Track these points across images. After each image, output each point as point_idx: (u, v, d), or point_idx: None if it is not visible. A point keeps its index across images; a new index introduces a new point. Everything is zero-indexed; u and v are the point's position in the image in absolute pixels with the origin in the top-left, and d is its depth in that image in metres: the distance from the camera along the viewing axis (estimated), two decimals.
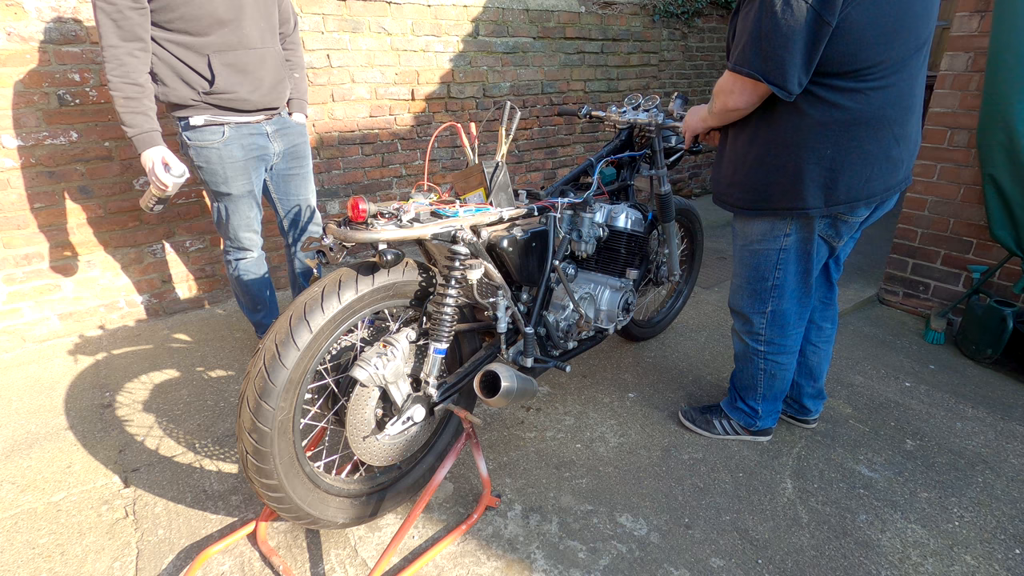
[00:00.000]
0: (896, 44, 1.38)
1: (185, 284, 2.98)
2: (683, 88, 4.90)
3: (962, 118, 2.66)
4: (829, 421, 2.13)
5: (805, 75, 1.38)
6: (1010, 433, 2.08)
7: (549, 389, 2.33)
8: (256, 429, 1.29)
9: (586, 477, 1.86)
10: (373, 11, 3.13)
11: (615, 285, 2.05)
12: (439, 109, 3.57)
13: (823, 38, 1.33)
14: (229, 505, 1.74)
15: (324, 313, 1.33)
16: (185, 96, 1.96)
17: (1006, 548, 1.61)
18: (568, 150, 4.36)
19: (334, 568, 1.54)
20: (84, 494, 1.79)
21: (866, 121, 1.45)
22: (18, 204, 2.47)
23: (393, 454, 1.58)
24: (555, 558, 1.57)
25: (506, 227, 1.71)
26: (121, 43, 1.80)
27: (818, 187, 1.51)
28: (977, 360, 2.55)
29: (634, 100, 2.13)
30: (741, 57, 1.41)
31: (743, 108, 1.51)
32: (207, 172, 2.07)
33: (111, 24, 1.77)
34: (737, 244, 1.77)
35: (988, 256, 2.69)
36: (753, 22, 1.37)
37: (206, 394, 2.29)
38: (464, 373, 1.69)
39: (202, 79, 1.94)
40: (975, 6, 2.56)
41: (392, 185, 3.54)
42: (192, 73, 1.93)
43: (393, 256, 1.35)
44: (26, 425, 2.11)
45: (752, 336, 1.84)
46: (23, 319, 2.61)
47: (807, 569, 1.54)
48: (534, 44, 3.83)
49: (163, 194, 1.92)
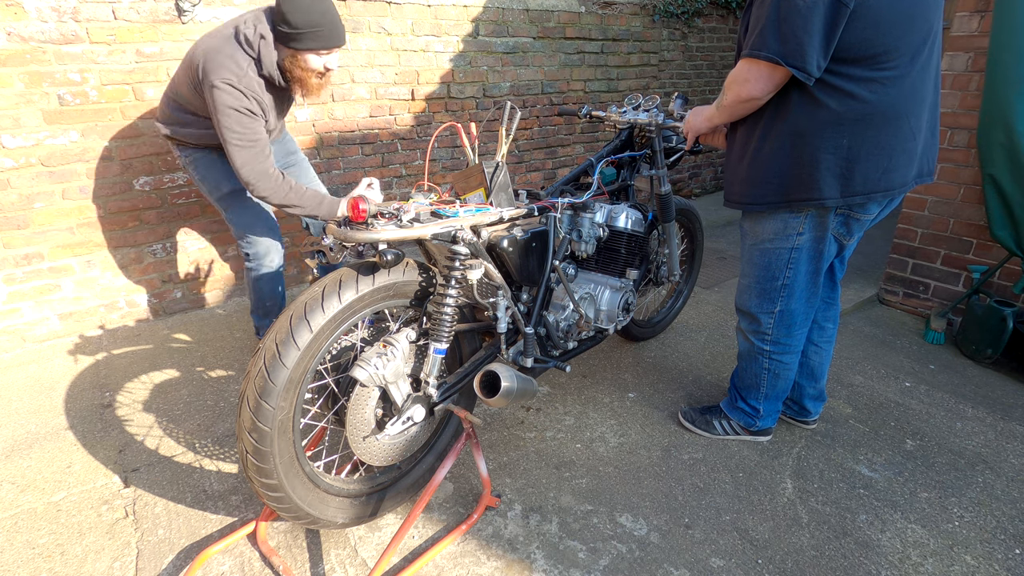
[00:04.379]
0: (911, 31, 1.39)
1: (185, 284, 2.98)
2: (683, 88, 4.90)
3: (962, 118, 2.66)
4: (829, 421, 2.13)
5: (824, 58, 1.38)
6: (1010, 433, 2.08)
7: (549, 389, 2.33)
8: (256, 428, 1.29)
9: (586, 477, 1.86)
10: (373, 11, 3.13)
11: (615, 285, 2.04)
12: (439, 109, 3.57)
13: (841, 20, 1.33)
14: (229, 505, 1.74)
15: (324, 313, 1.33)
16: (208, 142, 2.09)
17: (1006, 548, 1.61)
18: (568, 150, 4.36)
19: (334, 568, 1.54)
20: (84, 494, 1.79)
21: (882, 112, 1.44)
22: (18, 204, 2.47)
23: (393, 454, 1.58)
24: (555, 558, 1.57)
25: (506, 227, 1.71)
26: (264, 160, 1.93)
27: (834, 177, 1.51)
28: (977, 360, 2.55)
29: (634, 100, 2.12)
30: (759, 42, 1.40)
31: (759, 97, 1.49)
32: (207, 179, 2.13)
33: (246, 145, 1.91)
34: (747, 243, 1.77)
35: (988, 256, 2.69)
36: (771, 6, 1.37)
37: (206, 394, 2.29)
38: (464, 373, 1.68)
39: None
40: (975, 6, 2.56)
41: (392, 185, 3.54)
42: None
43: (393, 256, 1.35)
44: (26, 425, 2.11)
45: (758, 336, 1.84)
46: (23, 319, 2.61)
47: (807, 569, 1.54)
48: (534, 44, 3.83)
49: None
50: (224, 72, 1.83)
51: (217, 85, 1.83)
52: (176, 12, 2.57)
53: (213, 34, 1.93)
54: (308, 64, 1.91)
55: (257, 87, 1.89)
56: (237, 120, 1.86)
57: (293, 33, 1.83)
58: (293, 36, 1.84)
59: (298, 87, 1.99)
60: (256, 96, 1.89)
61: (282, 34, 1.85)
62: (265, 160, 1.92)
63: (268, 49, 1.88)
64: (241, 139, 1.87)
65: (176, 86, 2.05)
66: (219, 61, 1.83)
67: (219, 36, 1.90)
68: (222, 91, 1.83)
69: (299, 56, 1.89)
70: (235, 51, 1.85)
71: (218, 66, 1.83)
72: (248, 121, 1.88)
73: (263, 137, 1.93)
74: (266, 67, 1.90)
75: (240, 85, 1.85)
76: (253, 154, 1.89)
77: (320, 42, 1.86)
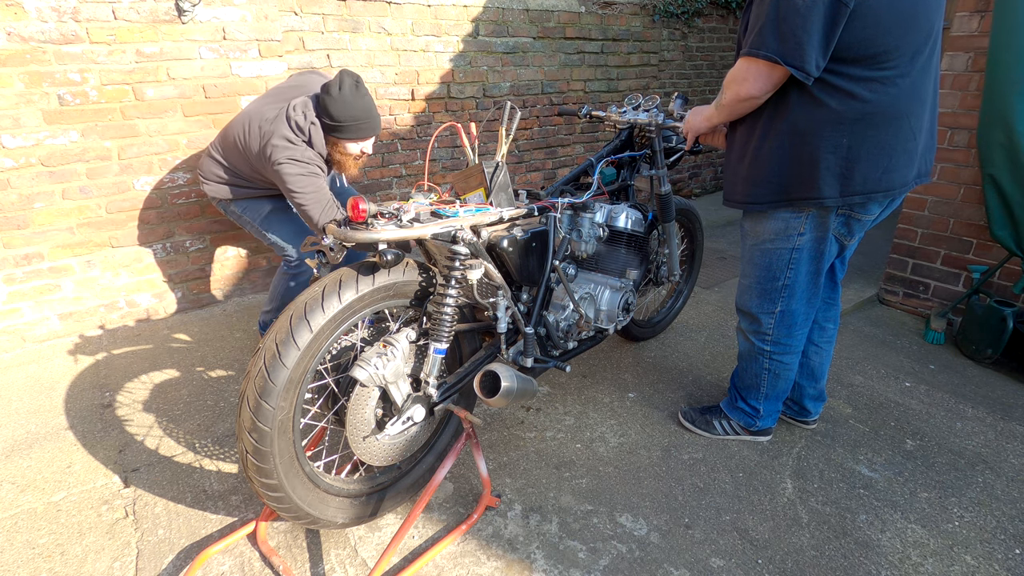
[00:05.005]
0: (911, 31, 1.39)
1: (185, 284, 2.98)
2: (683, 88, 4.90)
3: (962, 118, 2.66)
4: (829, 421, 2.13)
5: (823, 57, 1.38)
6: (1010, 433, 2.08)
7: (549, 389, 2.33)
8: (256, 428, 1.29)
9: (586, 477, 1.86)
10: (373, 11, 3.13)
11: (615, 285, 2.04)
12: (439, 109, 3.57)
13: (841, 19, 1.33)
14: (229, 505, 1.74)
15: (324, 313, 1.33)
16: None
17: (1006, 548, 1.61)
18: (568, 150, 4.36)
19: (334, 568, 1.54)
20: (84, 494, 1.79)
21: (882, 112, 1.44)
22: (18, 204, 2.47)
23: (393, 454, 1.58)
24: (555, 558, 1.57)
25: (506, 227, 1.71)
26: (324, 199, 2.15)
27: (834, 177, 1.51)
28: (977, 360, 2.55)
29: (634, 100, 2.12)
30: (757, 40, 1.40)
31: (757, 96, 1.49)
32: (250, 209, 2.38)
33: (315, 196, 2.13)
34: (747, 244, 1.77)
35: (988, 256, 2.69)
36: (770, 5, 1.37)
37: (206, 394, 2.29)
38: (464, 373, 1.68)
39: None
40: (975, 6, 2.56)
41: (392, 185, 3.54)
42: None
43: (393, 256, 1.35)
44: (26, 425, 2.11)
45: (759, 336, 1.84)
46: (23, 319, 2.61)
47: (807, 569, 1.54)
48: (534, 44, 3.83)
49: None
50: (286, 152, 2.06)
51: (283, 162, 2.07)
52: (176, 12, 2.57)
53: (258, 116, 2.14)
54: (347, 150, 2.17)
55: (313, 155, 2.13)
56: (306, 183, 2.09)
57: (336, 125, 2.08)
58: (335, 128, 2.08)
59: (337, 167, 2.26)
60: (316, 162, 2.13)
61: (325, 125, 2.10)
62: (334, 209, 2.15)
63: (318, 134, 2.11)
64: (311, 197, 2.10)
65: (230, 159, 2.28)
66: (279, 145, 2.07)
67: (269, 120, 2.11)
68: (288, 165, 2.07)
69: (340, 143, 2.15)
70: (289, 134, 2.08)
71: (280, 149, 2.06)
72: (314, 180, 2.11)
73: (327, 190, 2.15)
74: (317, 148, 2.13)
75: (303, 158, 2.09)
76: (321, 207, 2.12)
77: (360, 133, 2.12)
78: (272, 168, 2.09)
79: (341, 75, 2.04)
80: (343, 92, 2.03)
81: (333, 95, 2.03)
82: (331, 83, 2.04)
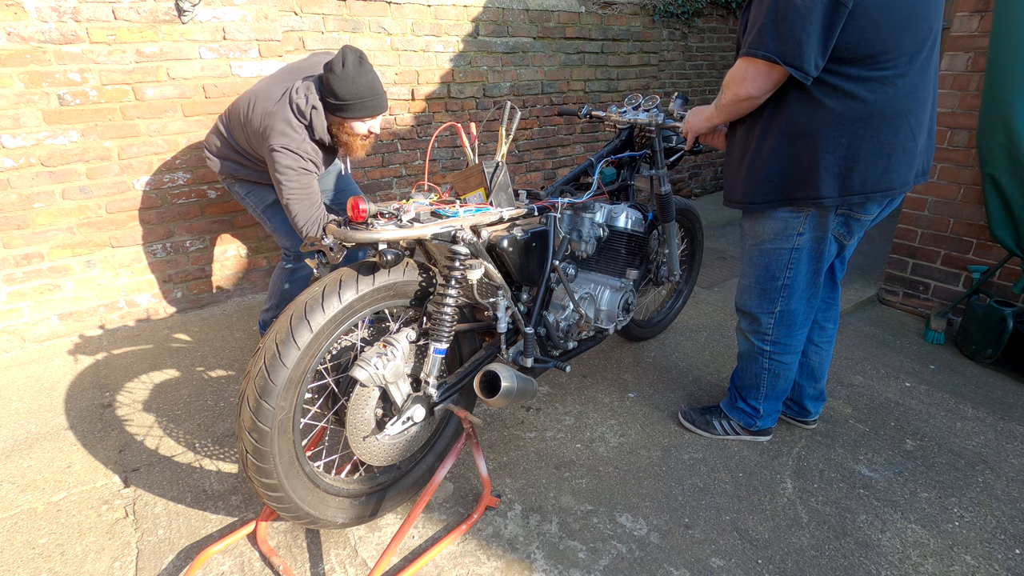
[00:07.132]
0: (910, 31, 1.39)
1: (185, 284, 2.98)
2: (683, 88, 4.90)
3: (962, 118, 2.66)
4: (829, 421, 2.13)
5: (822, 57, 1.38)
6: (1010, 433, 2.08)
7: (549, 389, 2.33)
8: (256, 428, 1.29)
9: (586, 477, 1.86)
10: (373, 11, 3.13)
11: (615, 285, 2.04)
12: (439, 109, 3.57)
13: (840, 19, 1.33)
14: (229, 505, 1.74)
15: (325, 312, 1.33)
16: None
17: (1006, 548, 1.61)
18: (568, 150, 4.36)
19: (334, 568, 1.54)
20: (84, 494, 1.79)
21: (881, 112, 1.44)
22: (18, 204, 2.47)
23: (393, 454, 1.58)
24: (555, 558, 1.57)
25: (506, 227, 1.71)
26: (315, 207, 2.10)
27: (833, 176, 1.51)
28: (977, 360, 2.55)
29: (634, 100, 2.12)
30: (756, 40, 1.40)
31: (756, 96, 1.49)
32: (252, 193, 2.34)
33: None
34: (747, 243, 1.77)
35: (988, 256, 2.69)
36: (769, 5, 1.37)
37: (206, 394, 2.29)
38: (464, 373, 1.68)
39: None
40: (975, 6, 2.56)
41: (392, 185, 3.54)
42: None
43: (393, 256, 1.35)
44: (26, 425, 2.11)
45: (759, 336, 1.84)
46: (23, 319, 2.61)
47: (807, 569, 1.54)
48: (534, 44, 3.83)
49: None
50: (283, 139, 2.00)
51: (277, 149, 2.00)
52: (176, 12, 2.57)
53: (264, 95, 2.08)
54: (354, 130, 2.09)
55: (310, 149, 2.06)
56: (295, 178, 2.03)
57: (341, 104, 1.99)
58: (340, 107, 2.00)
59: (344, 149, 2.17)
60: (311, 157, 2.07)
61: (330, 104, 2.01)
62: (318, 209, 2.09)
63: (320, 118, 2.04)
64: (296, 193, 2.05)
65: (233, 133, 2.22)
66: (278, 128, 2.00)
67: (273, 100, 2.05)
68: (281, 154, 2.01)
69: (346, 123, 2.06)
70: (290, 117, 2.01)
71: (278, 133, 2.00)
72: (303, 178, 2.06)
73: (315, 189, 2.10)
74: (318, 133, 2.06)
75: (298, 150, 2.02)
76: (306, 205, 2.07)
77: (366, 111, 2.03)
78: (267, 150, 2.03)
79: (344, 51, 1.96)
80: (346, 69, 1.94)
81: (336, 72, 1.94)
82: (334, 60, 1.96)
